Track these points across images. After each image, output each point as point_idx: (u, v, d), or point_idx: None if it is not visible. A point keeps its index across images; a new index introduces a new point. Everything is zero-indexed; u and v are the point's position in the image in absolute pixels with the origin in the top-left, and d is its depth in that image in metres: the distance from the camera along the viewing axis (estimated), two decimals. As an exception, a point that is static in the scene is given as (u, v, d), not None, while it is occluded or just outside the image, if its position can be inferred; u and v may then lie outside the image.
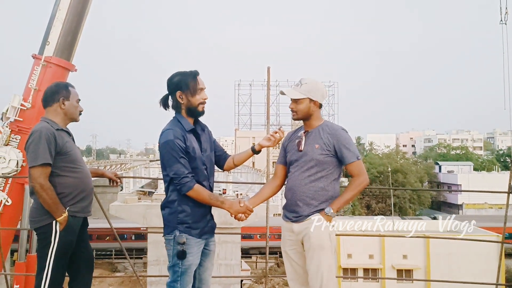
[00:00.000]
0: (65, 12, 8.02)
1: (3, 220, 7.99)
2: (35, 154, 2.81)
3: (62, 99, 3.02)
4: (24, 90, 8.13)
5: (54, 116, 3.02)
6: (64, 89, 3.05)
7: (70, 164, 2.95)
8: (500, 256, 5.30)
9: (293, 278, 2.98)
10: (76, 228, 2.99)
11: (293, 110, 2.92)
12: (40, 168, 2.80)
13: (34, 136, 2.85)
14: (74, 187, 2.96)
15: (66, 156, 2.94)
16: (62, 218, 2.86)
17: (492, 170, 56.05)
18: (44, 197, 2.81)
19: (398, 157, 53.35)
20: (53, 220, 2.86)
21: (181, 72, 2.82)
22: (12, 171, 7.86)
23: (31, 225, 2.95)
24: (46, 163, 2.82)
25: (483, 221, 28.10)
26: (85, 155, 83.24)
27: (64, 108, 3.03)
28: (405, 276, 20.37)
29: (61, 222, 2.86)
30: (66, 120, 3.07)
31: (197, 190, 2.70)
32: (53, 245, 2.86)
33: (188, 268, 2.72)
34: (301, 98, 2.86)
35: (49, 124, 2.94)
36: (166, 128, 2.76)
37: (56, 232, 2.87)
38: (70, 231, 2.92)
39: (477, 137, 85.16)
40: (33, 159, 2.81)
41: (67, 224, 2.89)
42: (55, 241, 2.86)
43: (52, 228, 2.86)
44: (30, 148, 2.84)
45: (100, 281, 22.46)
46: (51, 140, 2.85)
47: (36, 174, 2.80)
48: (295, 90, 2.88)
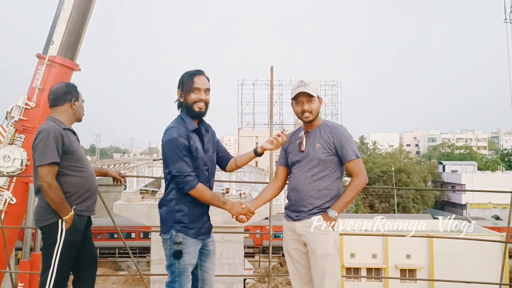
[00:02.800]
0: (69, 11, 8.04)
1: (8, 218, 8.03)
2: (44, 153, 2.83)
3: (74, 99, 3.08)
4: (29, 89, 8.16)
5: (61, 116, 3.05)
6: (74, 90, 3.12)
7: (75, 164, 2.98)
8: (504, 256, 5.26)
9: (296, 277, 2.99)
10: (81, 227, 3.01)
11: (306, 111, 2.86)
12: (48, 167, 2.82)
13: (42, 135, 2.87)
14: (79, 186, 2.98)
15: (72, 155, 2.96)
16: (69, 217, 2.88)
17: (497, 169, 55.81)
18: (52, 196, 2.83)
19: (401, 156, 53.14)
20: (59, 219, 2.88)
21: (187, 71, 2.82)
22: (16, 170, 7.89)
23: (37, 223, 2.96)
24: (54, 162, 2.84)
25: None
26: (89, 154, 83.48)
27: (74, 108, 3.09)
28: (408, 275, 20.31)
29: (67, 221, 2.88)
30: (73, 120, 3.12)
31: (199, 189, 2.70)
32: (58, 244, 2.88)
33: (185, 268, 2.71)
34: (315, 95, 2.86)
35: (56, 124, 2.96)
36: (170, 126, 2.75)
37: (62, 230, 2.89)
38: (75, 230, 2.94)
39: (481, 136, 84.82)
40: (41, 158, 2.83)
41: (73, 223, 2.91)
42: (60, 239, 2.88)
43: (58, 227, 2.89)
44: (38, 147, 2.86)
45: (104, 280, 22.52)
46: (59, 139, 2.88)
47: (44, 172, 2.82)
48: (310, 90, 2.84)
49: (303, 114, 2.88)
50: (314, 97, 2.86)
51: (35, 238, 8.53)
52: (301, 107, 2.88)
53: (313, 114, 2.88)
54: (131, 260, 24.55)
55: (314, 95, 2.85)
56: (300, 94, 2.85)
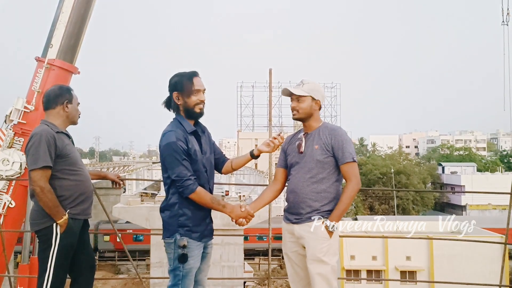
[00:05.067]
0: (68, 15, 8.06)
1: (7, 222, 8.02)
2: (36, 157, 2.81)
3: (66, 102, 3.05)
4: (28, 92, 8.16)
5: (55, 119, 3.04)
6: (67, 92, 3.09)
7: (69, 167, 2.96)
8: (504, 257, 5.25)
9: (295, 280, 2.98)
10: (77, 230, 3.00)
11: (294, 109, 2.91)
12: (40, 171, 2.81)
13: (34, 139, 2.86)
14: (74, 190, 2.96)
15: (66, 159, 2.94)
16: (63, 220, 2.87)
17: (496, 171, 55.76)
18: (45, 200, 2.81)
19: (401, 158, 53.14)
20: (53, 223, 2.86)
21: (180, 73, 2.82)
22: (15, 173, 7.88)
23: (32, 227, 2.96)
24: (46, 166, 2.82)
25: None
26: (88, 157, 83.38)
27: (67, 111, 3.06)
28: (408, 277, 20.29)
29: (62, 224, 2.87)
30: (67, 123, 3.10)
31: (199, 193, 2.69)
32: (54, 248, 2.87)
33: (189, 272, 2.72)
34: (304, 95, 2.87)
35: (49, 127, 2.94)
36: (167, 130, 2.75)
37: (57, 234, 2.87)
38: (70, 234, 2.93)
39: (480, 138, 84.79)
40: (33, 162, 2.82)
41: (68, 226, 2.90)
42: (55, 243, 2.87)
43: (53, 231, 2.87)
44: (30, 151, 2.85)
45: (104, 283, 22.47)
46: (51, 143, 2.86)
47: (37, 177, 2.80)
48: (298, 89, 2.90)
49: (292, 112, 2.95)
50: (304, 97, 2.87)
51: (34, 242, 8.52)
52: (291, 104, 2.94)
53: (299, 113, 2.90)
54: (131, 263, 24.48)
55: (302, 95, 2.87)
56: (291, 92, 2.91)
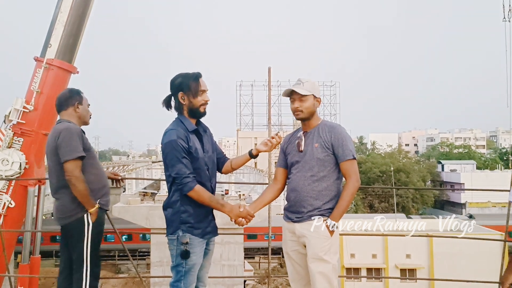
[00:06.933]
0: (66, 14, 8.04)
1: (7, 222, 8.03)
2: (70, 149, 2.95)
3: (77, 103, 3.21)
4: (27, 92, 8.14)
5: (69, 119, 3.19)
6: (77, 94, 3.26)
7: (92, 160, 3.12)
8: (503, 254, 5.26)
9: (295, 279, 2.98)
10: (104, 220, 3.16)
11: (297, 110, 2.87)
12: (74, 162, 2.95)
13: (65, 133, 2.99)
14: (97, 182, 3.11)
15: (89, 153, 3.10)
16: (94, 209, 3.01)
17: (495, 168, 55.85)
18: (80, 189, 2.94)
19: (400, 156, 53.18)
20: (84, 214, 3.00)
21: (183, 74, 2.85)
22: (15, 173, 7.88)
23: (61, 221, 3.05)
24: (80, 156, 2.98)
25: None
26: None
27: (78, 112, 3.21)
28: (408, 275, 20.32)
29: (93, 213, 3.01)
30: (79, 123, 3.24)
31: (198, 191, 2.71)
32: (87, 237, 3.00)
33: (191, 268, 2.75)
34: (307, 94, 2.85)
35: (72, 124, 3.11)
36: (169, 128, 2.78)
37: (89, 224, 3.01)
38: (100, 223, 3.09)
39: (479, 135, 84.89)
40: (68, 153, 2.95)
41: (97, 215, 3.05)
42: (88, 233, 3.00)
43: (84, 221, 3.01)
44: (62, 144, 2.97)
45: (104, 282, 22.48)
46: (80, 136, 3.04)
47: (72, 167, 2.94)
48: (301, 88, 2.86)
49: (295, 112, 2.91)
50: (307, 96, 2.86)
51: (34, 242, 8.51)
52: (293, 105, 2.90)
53: (304, 112, 2.88)
54: (131, 263, 24.52)
55: (306, 94, 2.85)
56: (292, 92, 2.88)
